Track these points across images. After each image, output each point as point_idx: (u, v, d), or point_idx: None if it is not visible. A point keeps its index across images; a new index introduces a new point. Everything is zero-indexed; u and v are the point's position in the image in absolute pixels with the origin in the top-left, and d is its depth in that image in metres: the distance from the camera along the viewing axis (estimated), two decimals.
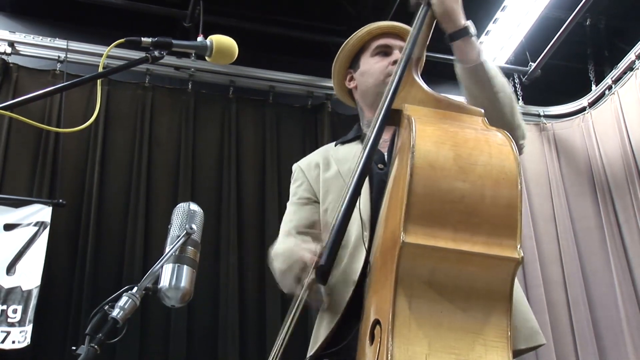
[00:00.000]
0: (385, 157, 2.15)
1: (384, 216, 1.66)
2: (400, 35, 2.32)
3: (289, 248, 2.01)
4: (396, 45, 2.30)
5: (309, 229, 2.21)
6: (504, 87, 1.98)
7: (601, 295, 5.33)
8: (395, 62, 2.21)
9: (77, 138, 4.82)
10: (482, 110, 1.77)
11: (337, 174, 2.22)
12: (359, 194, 1.70)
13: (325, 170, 2.29)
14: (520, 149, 2.02)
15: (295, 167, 2.45)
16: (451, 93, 1.92)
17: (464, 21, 1.93)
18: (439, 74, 2.00)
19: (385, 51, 2.31)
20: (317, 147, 2.59)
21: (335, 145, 2.38)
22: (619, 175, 5.46)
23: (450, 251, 1.42)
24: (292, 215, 2.32)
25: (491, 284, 1.44)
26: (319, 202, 2.26)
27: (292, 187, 2.40)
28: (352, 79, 2.41)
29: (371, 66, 2.31)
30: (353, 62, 2.41)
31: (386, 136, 2.16)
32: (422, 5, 1.93)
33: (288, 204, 2.38)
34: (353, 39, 2.37)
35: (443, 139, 1.54)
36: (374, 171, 2.09)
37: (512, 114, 1.97)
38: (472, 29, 1.94)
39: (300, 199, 2.32)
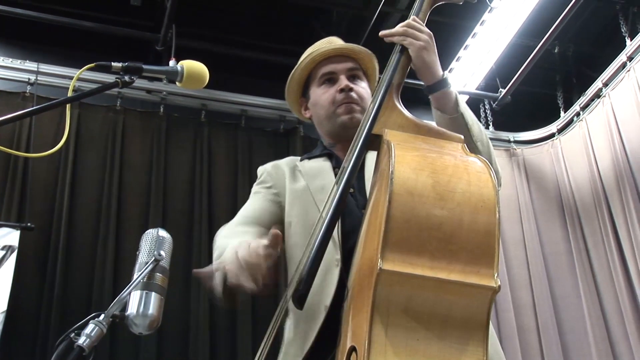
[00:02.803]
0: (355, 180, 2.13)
1: (362, 242, 1.66)
2: (345, 55, 2.27)
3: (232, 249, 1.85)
4: (341, 69, 2.23)
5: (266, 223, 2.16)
6: (481, 135, 1.96)
7: (570, 320, 5.36)
8: (342, 90, 2.18)
9: (46, 161, 4.77)
10: (462, 137, 1.78)
11: (306, 189, 2.16)
12: (338, 219, 1.70)
13: (293, 180, 2.23)
14: None
15: (261, 169, 2.36)
16: (428, 118, 1.93)
17: (441, 73, 1.93)
18: (416, 99, 1.99)
19: (331, 78, 2.23)
20: None
21: (301, 160, 2.31)
22: (587, 200, 5.52)
23: (427, 279, 1.42)
24: (253, 205, 2.25)
25: (468, 313, 1.44)
26: (283, 207, 2.20)
27: (257, 187, 2.32)
28: (307, 108, 2.34)
29: (319, 97, 2.24)
30: (305, 91, 2.34)
31: None
32: (395, 50, 1.94)
33: (251, 196, 2.31)
34: (298, 69, 2.29)
35: (422, 166, 1.54)
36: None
37: (490, 161, 1.97)
38: (449, 80, 1.94)
39: (266, 196, 2.25)
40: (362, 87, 2.24)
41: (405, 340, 1.40)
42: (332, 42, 2.34)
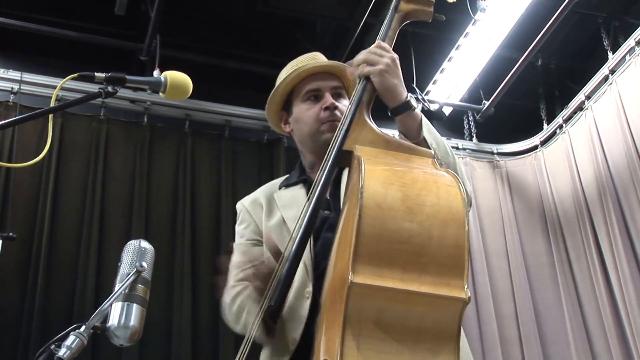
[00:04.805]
0: (329, 202, 2.12)
1: (334, 257, 1.67)
2: (331, 72, 2.28)
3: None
4: (327, 87, 2.25)
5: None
6: (447, 157, 1.95)
7: (553, 332, 5.38)
8: (327, 108, 2.19)
9: (29, 170, 4.74)
10: (432, 152, 1.80)
11: (281, 221, 2.18)
12: (310, 236, 1.70)
13: (269, 215, 2.24)
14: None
15: (240, 207, 2.38)
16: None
17: (404, 95, 1.92)
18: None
19: (316, 95, 2.24)
20: None
21: (280, 188, 2.32)
22: (569, 212, 5.55)
23: (398, 291, 1.43)
24: (241, 257, 2.21)
25: (439, 324, 1.45)
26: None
27: (239, 229, 2.34)
28: (287, 122, 2.35)
29: (303, 113, 2.25)
30: (286, 105, 2.34)
31: None
32: (360, 79, 1.94)
33: (236, 245, 2.32)
34: (283, 84, 2.30)
35: (391, 180, 1.56)
36: (319, 215, 2.02)
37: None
38: (413, 102, 1.93)
39: (249, 240, 2.27)
40: (345, 106, 2.23)
41: (377, 354, 1.41)
42: (316, 58, 2.34)
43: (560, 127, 5.91)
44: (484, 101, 5.99)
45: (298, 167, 2.36)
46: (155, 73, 4.70)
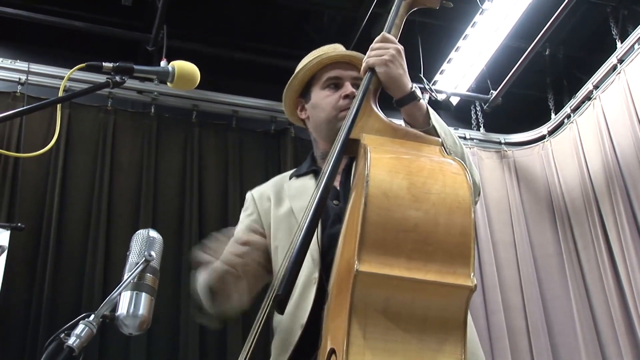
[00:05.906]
0: (339, 192, 2.12)
1: (340, 245, 1.68)
2: (352, 63, 2.28)
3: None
4: (347, 76, 2.25)
5: None
6: (455, 146, 1.96)
7: (560, 322, 5.37)
8: (347, 96, 2.20)
9: (37, 161, 4.75)
10: (439, 140, 1.80)
11: (290, 211, 2.18)
12: (317, 224, 1.70)
13: (277, 205, 2.25)
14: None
15: (248, 195, 2.41)
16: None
17: (409, 86, 1.94)
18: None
19: (336, 83, 2.25)
20: (280, 173, 2.54)
21: (290, 179, 2.33)
22: (577, 202, 5.54)
23: (404, 279, 1.43)
24: (234, 237, 2.25)
25: (445, 312, 1.45)
26: (265, 235, 2.23)
27: (242, 215, 2.38)
28: (303, 109, 2.36)
29: (322, 100, 2.26)
30: (304, 92, 2.35)
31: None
32: (367, 71, 1.95)
33: (236, 229, 2.35)
34: (303, 70, 2.31)
35: (397, 168, 1.56)
36: (328, 206, 2.06)
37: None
38: (418, 92, 1.95)
39: (248, 227, 2.29)
40: None
41: (383, 342, 1.41)
42: (337, 49, 2.35)
43: (568, 116, 5.88)
44: (491, 91, 5.97)
45: (309, 157, 2.37)
46: (163, 63, 4.69)
